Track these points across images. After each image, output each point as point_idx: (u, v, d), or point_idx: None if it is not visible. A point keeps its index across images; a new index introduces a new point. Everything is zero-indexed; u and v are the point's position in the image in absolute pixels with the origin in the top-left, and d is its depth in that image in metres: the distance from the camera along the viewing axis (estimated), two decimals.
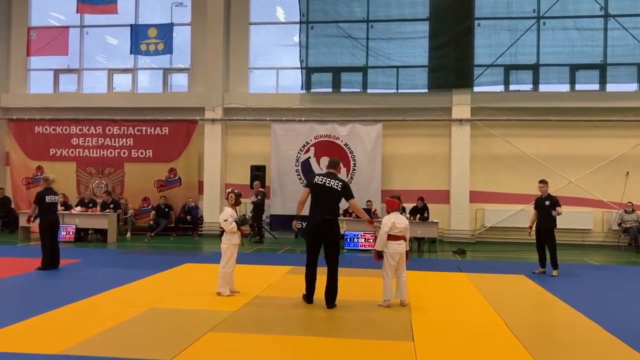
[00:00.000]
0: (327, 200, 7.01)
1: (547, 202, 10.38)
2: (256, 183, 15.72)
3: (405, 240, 7.27)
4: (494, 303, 7.51)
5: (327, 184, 7.01)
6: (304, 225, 7.24)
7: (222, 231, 7.78)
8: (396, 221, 7.17)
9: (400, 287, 7.26)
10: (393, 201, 7.48)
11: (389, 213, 7.36)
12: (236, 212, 7.83)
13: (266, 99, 17.06)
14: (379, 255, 7.23)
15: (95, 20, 18.13)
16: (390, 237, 7.15)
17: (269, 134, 16.75)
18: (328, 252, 7.03)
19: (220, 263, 7.63)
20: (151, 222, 16.33)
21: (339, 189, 7.01)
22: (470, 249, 14.41)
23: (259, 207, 15.38)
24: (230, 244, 7.61)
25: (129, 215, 16.55)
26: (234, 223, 7.55)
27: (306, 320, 6.40)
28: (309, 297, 7.16)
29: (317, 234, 7.00)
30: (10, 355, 4.94)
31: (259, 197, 15.39)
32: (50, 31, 18.12)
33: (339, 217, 7.29)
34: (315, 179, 7.13)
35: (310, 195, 7.09)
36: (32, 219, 10.06)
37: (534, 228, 10.65)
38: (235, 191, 7.86)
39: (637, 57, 15.40)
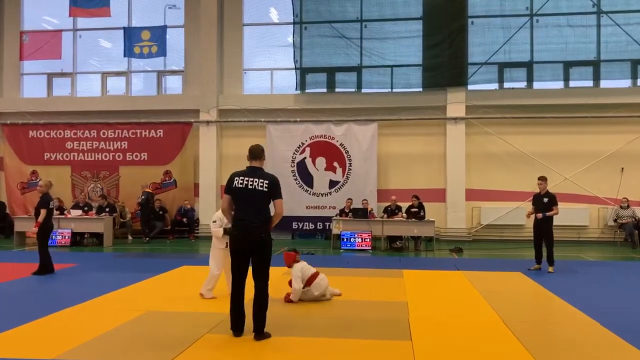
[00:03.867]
0: (251, 204, 5.56)
1: (546, 199, 10.40)
2: (143, 185, 16.50)
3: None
4: (491, 300, 7.51)
5: (249, 186, 5.55)
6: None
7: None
8: (303, 267, 7.37)
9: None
10: (289, 254, 7.50)
11: (289, 266, 7.46)
12: None
13: (261, 100, 17.04)
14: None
15: (88, 24, 18.05)
16: (310, 280, 7.31)
17: (264, 135, 16.71)
18: (255, 266, 5.63)
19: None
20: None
21: (265, 190, 5.55)
22: (466, 247, 14.42)
23: (143, 208, 15.91)
24: (215, 247, 7.53)
25: (127, 219, 16.50)
26: (221, 227, 7.26)
27: (303, 321, 6.38)
28: (236, 329, 5.73)
29: (242, 246, 5.56)
30: None
31: (143, 197, 15.87)
32: (43, 35, 18.06)
33: (270, 221, 5.74)
34: (235, 182, 5.61)
35: (233, 200, 5.69)
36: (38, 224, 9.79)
37: (532, 217, 10.62)
38: None
39: (631, 53, 15.47)
